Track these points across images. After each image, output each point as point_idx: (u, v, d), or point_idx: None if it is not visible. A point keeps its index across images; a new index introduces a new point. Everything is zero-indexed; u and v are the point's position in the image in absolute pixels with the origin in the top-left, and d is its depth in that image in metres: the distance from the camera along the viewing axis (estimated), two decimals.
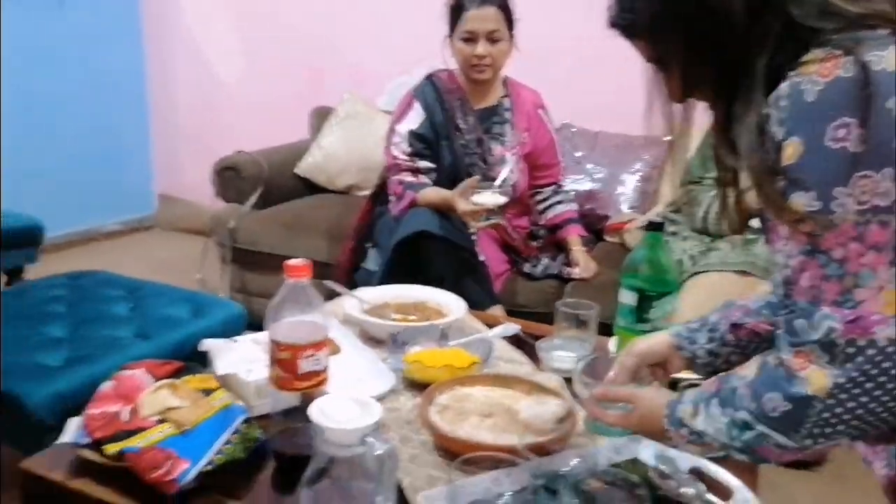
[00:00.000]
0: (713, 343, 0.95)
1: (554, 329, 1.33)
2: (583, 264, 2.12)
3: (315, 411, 0.78)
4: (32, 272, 2.47)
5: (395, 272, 1.79)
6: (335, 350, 1.18)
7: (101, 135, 3.66)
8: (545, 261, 2.18)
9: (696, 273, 1.76)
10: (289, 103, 3.49)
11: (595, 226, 2.41)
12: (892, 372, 0.63)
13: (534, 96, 2.19)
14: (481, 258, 1.98)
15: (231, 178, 2.77)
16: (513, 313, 1.86)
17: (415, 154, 2.09)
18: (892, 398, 0.64)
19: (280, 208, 2.78)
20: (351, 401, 0.81)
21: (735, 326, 0.96)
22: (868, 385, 0.64)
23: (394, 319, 1.43)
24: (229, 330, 1.58)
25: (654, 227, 1.08)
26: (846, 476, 1.95)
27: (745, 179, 1.63)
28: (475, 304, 1.60)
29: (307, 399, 0.94)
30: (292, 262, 0.89)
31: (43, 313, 1.67)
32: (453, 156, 2.09)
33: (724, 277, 1.71)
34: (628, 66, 0.94)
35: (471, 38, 2.00)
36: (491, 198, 1.90)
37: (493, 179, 1.99)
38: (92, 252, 3.55)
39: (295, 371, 0.89)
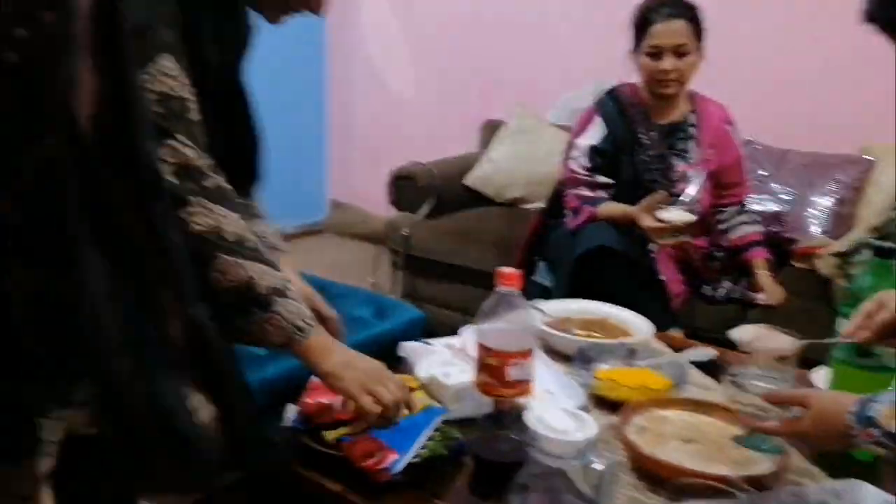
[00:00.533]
0: None
1: (748, 358, 1.27)
2: (769, 290, 1.99)
3: (532, 420, 0.79)
4: None
5: (575, 287, 1.78)
6: None
7: (282, 144, 3.93)
8: (727, 284, 2.08)
9: None
10: (459, 117, 3.59)
11: (780, 249, 2.26)
12: None
13: (721, 111, 2.10)
14: (661, 278, 1.93)
15: (405, 186, 2.89)
16: (690, 337, 1.79)
17: (594, 169, 2.06)
18: None
19: (450, 218, 2.86)
20: (564, 412, 0.81)
21: None
22: None
23: (576, 335, 1.43)
24: (409, 333, 1.63)
25: (885, 254, 0.99)
26: None
27: None
28: (653, 325, 1.56)
29: (501, 407, 0.97)
30: (504, 269, 0.92)
31: None
32: (634, 171, 2.05)
33: None
34: (823, 77, 0.87)
35: (656, 53, 1.94)
36: (679, 214, 1.84)
37: (676, 196, 1.92)
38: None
39: (503, 377, 0.91)
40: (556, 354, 1.35)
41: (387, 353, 1.24)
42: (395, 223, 2.85)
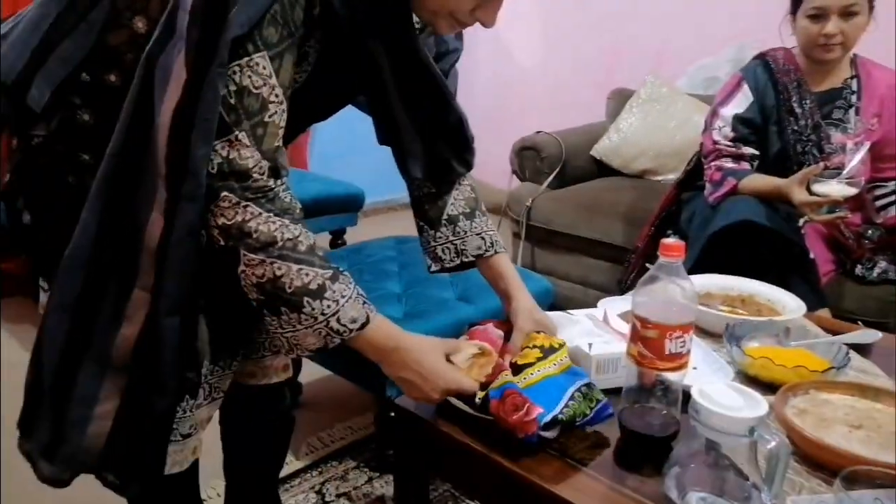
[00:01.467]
0: None
1: None
2: None
3: (697, 393, 0.77)
4: (351, 234, 2.81)
5: (710, 263, 1.71)
6: None
7: None
8: (882, 263, 1.93)
9: None
10: (585, 86, 3.50)
11: None
12: None
13: (889, 77, 1.92)
14: (810, 255, 1.81)
15: (530, 157, 2.87)
16: (838, 319, 1.68)
17: (738, 139, 1.96)
18: None
19: (575, 189, 2.81)
20: (730, 387, 0.79)
21: None
22: None
23: (720, 311, 1.37)
24: (540, 302, 1.63)
25: None
26: None
27: None
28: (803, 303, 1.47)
29: (647, 380, 0.94)
30: (668, 241, 0.89)
31: (380, 270, 1.87)
32: (783, 143, 1.92)
33: None
34: None
35: (820, 14, 1.80)
36: (839, 188, 1.71)
37: (831, 170, 1.79)
38: (393, 220, 3.92)
39: (661, 351, 0.89)
40: (700, 332, 1.30)
41: None
42: (517, 193, 2.83)
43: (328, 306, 0.88)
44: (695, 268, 1.81)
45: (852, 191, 1.71)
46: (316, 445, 1.85)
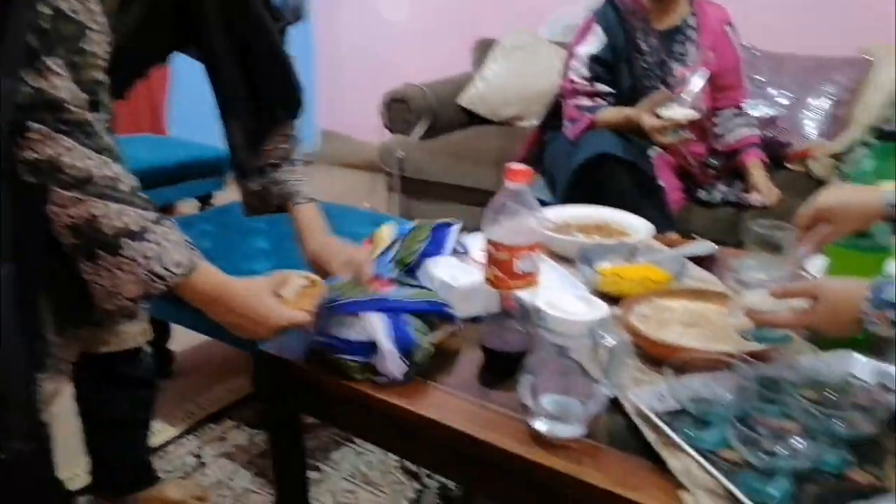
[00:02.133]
0: None
1: (744, 250, 1.29)
2: (764, 190, 2.01)
3: (542, 302, 0.82)
4: (220, 200, 2.72)
5: (575, 195, 1.80)
6: None
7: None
8: (722, 187, 2.10)
9: None
10: (450, 37, 3.52)
11: (776, 154, 2.27)
12: None
13: (721, 12, 2.08)
14: (660, 184, 1.94)
15: (399, 109, 2.87)
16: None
17: (594, 78, 2.06)
18: None
19: (445, 138, 2.85)
20: (574, 296, 0.84)
21: None
22: None
23: (576, 237, 1.45)
24: None
25: (888, 137, 1.00)
26: None
27: None
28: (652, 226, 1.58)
29: (509, 305, 0.99)
30: (513, 165, 0.92)
31: (248, 228, 1.83)
32: (633, 78, 2.04)
33: None
34: None
35: None
36: (682, 112, 1.85)
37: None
38: None
39: (511, 271, 0.94)
40: (559, 258, 1.37)
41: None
42: (389, 146, 2.83)
43: (150, 249, 0.84)
44: (561, 201, 1.90)
45: (694, 114, 1.85)
46: (192, 411, 1.81)
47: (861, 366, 0.93)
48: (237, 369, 1.95)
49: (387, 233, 1.21)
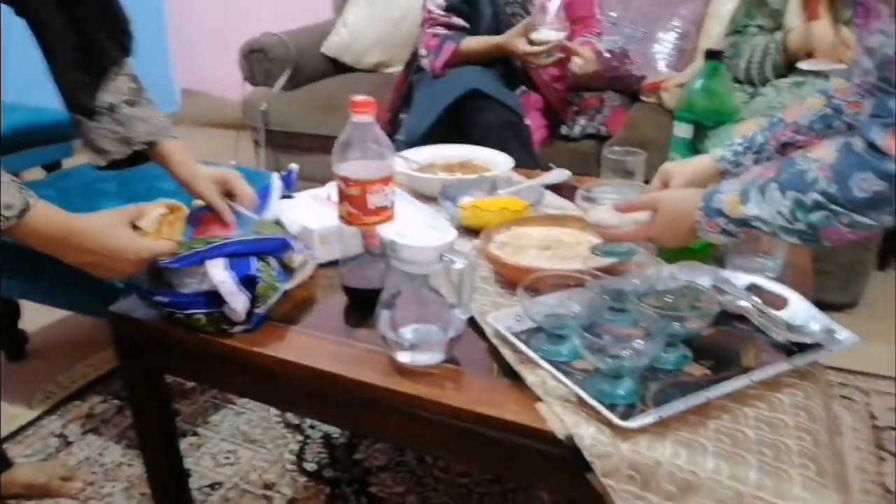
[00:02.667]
0: (758, 164, 0.96)
1: (600, 178, 1.35)
2: (584, 57, 2.03)
3: (391, 233, 0.81)
4: (69, 166, 2.53)
5: (439, 131, 1.80)
6: None
7: None
8: (582, 121, 2.17)
9: (740, 120, 1.74)
10: None
11: (632, 87, 2.36)
12: None
13: None
14: (526, 122, 1.98)
15: (259, 60, 2.75)
16: None
17: (450, 9, 2.07)
18: None
19: (310, 88, 2.76)
20: (423, 225, 0.84)
21: (785, 146, 0.96)
22: None
23: (439, 176, 1.45)
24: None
25: (713, 56, 1.06)
26: (877, 315, 2.04)
27: (790, 20, 1.57)
28: (518, 166, 1.61)
29: (370, 244, 0.98)
30: (357, 97, 0.90)
31: (95, 191, 1.71)
32: (494, 6, 2.07)
33: None
34: None
35: None
36: (551, 34, 1.89)
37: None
38: None
39: (364, 206, 0.92)
40: (424, 198, 1.37)
41: None
42: (251, 99, 2.72)
43: None
44: (429, 137, 1.90)
45: (563, 33, 1.90)
46: (53, 391, 1.70)
47: (701, 273, 0.99)
48: (100, 343, 1.84)
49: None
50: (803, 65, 1.71)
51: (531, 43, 1.93)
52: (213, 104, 3.86)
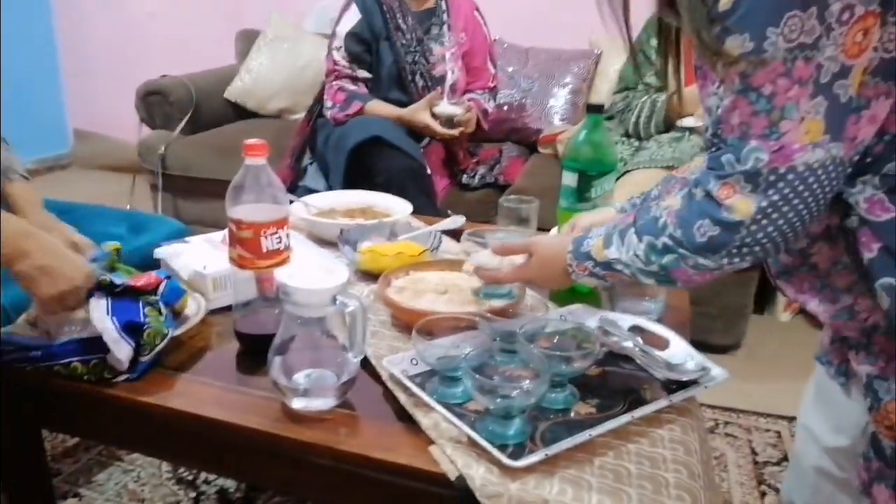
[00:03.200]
0: None
1: (497, 225, 1.39)
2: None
3: (283, 276, 0.81)
4: None
5: (346, 179, 1.83)
6: None
7: (5, 71, 3.45)
8: (482, 171, 2.25)
9: (627, 171, 1.86)
10: (211, 28, 3.37)
11: (529, 139, 2.47)
12: (806, 195, 0.70)
13: (469, 0, 2.24)
14: (428, 172, 2.03)
15: (157, 102, 2.69)
16: None
17: (354, 60, 2.12)
18: (803, 220, 0.72)
19: (211, 133, 2.73)
20: (318, 267, 0.84)
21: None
22: (785, 209, 0.71)
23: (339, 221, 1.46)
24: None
25: (594, 110, 1.13)
26: (757, 357, 2.17)
27: (671, 84, 1.70)
28: (420, 213, 1.64)
29: (264, 288, 0.97)
30: (250, 141, 0.90)
31: None
32: (395, 55, 2.14)
33: (653, 173, 1.81)
34: None
35: None
36: (453, 108, 2.04)
37: (436, 78, 2.09)
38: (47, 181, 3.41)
39: (258, 249, 0.91)
40: (325, 243, 1.37)
41: (149, 266, 1.18)
42: (148, 142, 2.65)
43: None
44: (333, 186, 1.92)
45: (461, 108, 2.01)
46: None
47: (589, 315, 1.04)
48: None
49: None
50: (682, 122, 1.86)
51: (433, 116, 2.05)
52: (107, 146, 3.73)
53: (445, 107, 2.09)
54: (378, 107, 2.11)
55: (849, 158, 0.70)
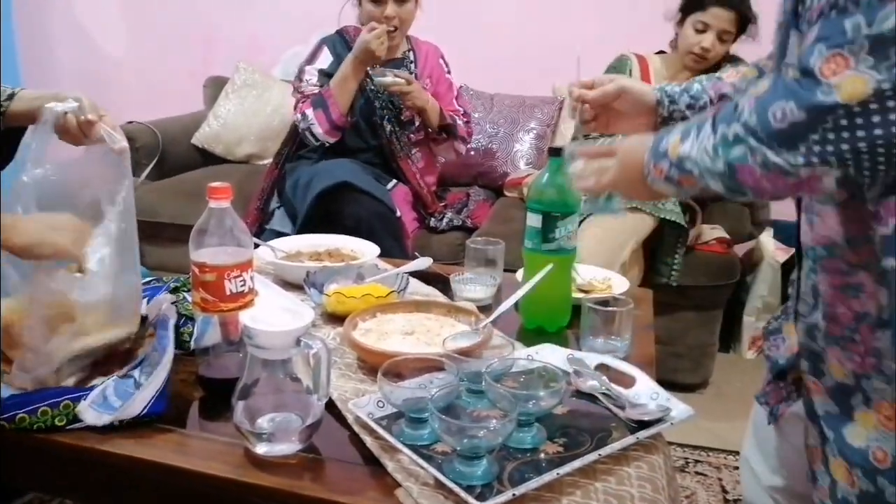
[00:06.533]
0: (692, 109, 1.00)
1: (464, 267, 1.41)
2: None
3: (247, 318, 0.80)
4: None
5: (313, 224, 1.83)
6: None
7: None
8: (450, 214, 2.26)
9: (591, 213, 1.89)
10: (179, 75, 3.39)
11: (495, 183, 2.50)
12: None
13: (435, 49, 2.31)
14: (398, 215, 2.04)
15: None
16: None
17: (326, 75, 2.18)
18: None
19: (178, 178, 2.72)
20: (281, 309, 0.84)
21: (722, 97, 0.98)
22: None
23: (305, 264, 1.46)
24: None
25: (556, 153, 1.15)
26: (724, 394, 2.19)
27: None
28: (388, 256, 1.64)
29: (228, 334, 0.96)
30: (214, 184, 0.90)
31: None
32: (365, 98, 2.17)
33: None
34: (522, 31, 0.99)
35: (379, 0, 2.08)
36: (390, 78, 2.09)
37: (406, 122, 2.15)
38: None
39: (222, 293, 0.91)
40: (292, 287, 1.36)
41: None
42: None
43: None
44: (302, 228, 1.92)
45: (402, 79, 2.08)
46: None
47: (557, 355, 1.04)
48: None
49: None
50: None
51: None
52: None
53: (386, 76, 2.11)
54: (333, 80, 2.12)
55: None
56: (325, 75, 2.18)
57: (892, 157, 0.58)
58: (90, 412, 0.85)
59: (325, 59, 2.21)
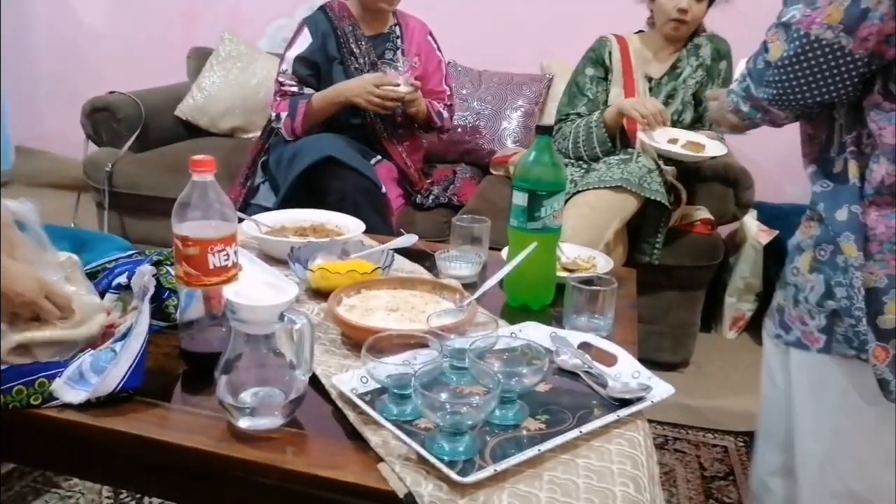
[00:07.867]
0: None
1: (450, 244, 1.40)
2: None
3: (230, 293, 0.80)
4: None
5: (295, 198, 1.81)
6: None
7: None
8: (436, 191, 2.26)
9: (578, 192, 1.89)
10: (162, 46, 3.33)
11: (482, 160, 2.49)
12: (815, 67, 0.92)
13: (422, 25, 2.27)
14: (383, 191, 2.02)
15: (104, 119, 2.63)
16: None
17: (301, 82, 2.13)
18: (812, 89, 0.94)
19: (161, 151, 2.68)
20: (264, 285, 0.83)
21: None
22: (797, 68, 0.93)
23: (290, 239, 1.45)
24: None
25: (543, 131, 1.15)
26: (704, 373, 2.22)
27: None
28: (374, 232, 1.64)
29: (211, 309, 0.95)
30: (197, 157, 0.89)
31: None
32: (348, 78, 2.13)
33: (602, 193, 1.85)
34: (511, 7, 0.98)
35: None
36: (403, 87, 2.02)
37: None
38: None
39: (205, 266, 0.90)
40: (275, 261, 1.36)
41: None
42: (95, 159, 2.59)
43: None
44: (284, 203, 1.90)
45: (412, 86, 2.05)
46: None
47: (541, 332, 1.05)
48: None
49: None
50: (706, 152, 1.94)
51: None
52: (51, 163, 3.64)
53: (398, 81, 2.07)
54: (319, 97, 2.09)
55: (859, 56, 0.90)
56: (302, 61, 2.14)
57: (807, 103, 0.98)
58: (66, 389, 0.85)
59: (303, 42, 2.16)
